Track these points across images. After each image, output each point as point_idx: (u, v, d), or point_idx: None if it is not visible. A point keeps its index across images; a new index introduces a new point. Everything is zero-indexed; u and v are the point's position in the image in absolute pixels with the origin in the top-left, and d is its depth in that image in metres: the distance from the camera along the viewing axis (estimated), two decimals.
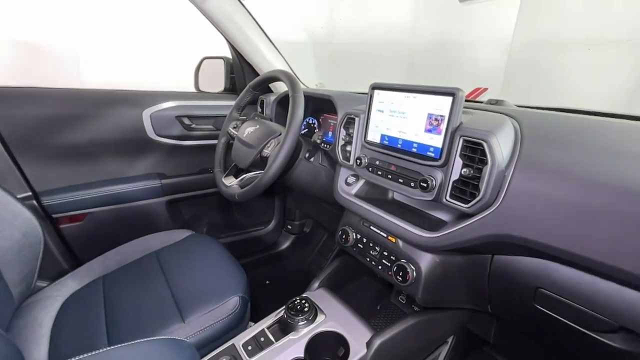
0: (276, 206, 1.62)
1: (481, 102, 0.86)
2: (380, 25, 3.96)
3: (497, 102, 0.82)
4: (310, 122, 1.19)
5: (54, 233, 1.11)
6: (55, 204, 1.10)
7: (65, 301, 0.87)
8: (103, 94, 1.18)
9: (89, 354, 0.52)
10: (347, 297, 0.84)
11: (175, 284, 0.88)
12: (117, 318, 0.80)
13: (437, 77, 3.59)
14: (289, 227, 1.66)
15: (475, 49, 3.43)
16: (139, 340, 0.56)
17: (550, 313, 0.56)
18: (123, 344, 0.55)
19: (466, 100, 0.89)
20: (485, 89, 3.21)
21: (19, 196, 0.83)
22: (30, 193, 1.06)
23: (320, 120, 1.15)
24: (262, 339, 0.72)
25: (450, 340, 0.89)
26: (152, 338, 0.58)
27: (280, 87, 1.30)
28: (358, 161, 0.77)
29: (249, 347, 0.70)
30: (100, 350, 0.54)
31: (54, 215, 1.10)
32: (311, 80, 1.40)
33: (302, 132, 1.19)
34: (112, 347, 0.55)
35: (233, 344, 0.71)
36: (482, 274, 0.64)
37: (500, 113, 0.66)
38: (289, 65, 1.33)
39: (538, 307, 0.57)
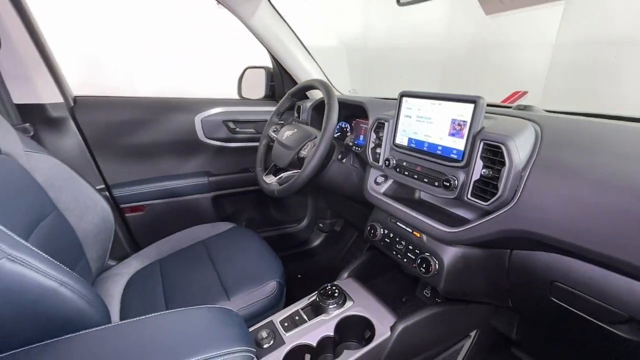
0: (309, 205, 1.71)
1: (509, 107, 0.89)
2: (416, 30, 3.93)
3: (525, 108, 0.85)
4: (343, 126, 1.27)
5: (120, 221, 1.29)
6: (121, 196, 1.28)
7: (131, 278, 1.02)
8: (163, 101, 1.35)
9: (153, 314, 0.58)
10: (374, 289, 0.89)
11: (221, 268, 1.00)
12: (173, 294, 0.93)
13: (474, 81, 3.49)
14: (321, 225, 1.75)
15: (515, 51, 3.31)
16: (194, 307, 0.61)
17: (565, 305, 0.59)
18: (181, 309, 0.61)
19: (495, 105, 0.93)
20: (525, 93, 3.08)
21: (96, 187, 0.99)
22: (104, 185, 1.25)
23: (353, 124, 1.23)
24: (297, 318, 0.80)
25: (473, 334, 0.92)
26: (205, 306, 0.63)
27: (316, 94, 1.39)
28: (387, 162, 0.84)
29: (286, 324, 0.79)
30: (162, 312, 0.60)
31: (121, 206, 1.28)
32: (344, 85, 1.48)
33: (336, 135, 1.28)
34: (172, 310, 0.60)
35: (272, 320, 0.80)
36: (501, 267, 0.68)
37: (523, 118, 0.70)
38: (324, 73, 1.42)
39: (554, 300, 0.60)
